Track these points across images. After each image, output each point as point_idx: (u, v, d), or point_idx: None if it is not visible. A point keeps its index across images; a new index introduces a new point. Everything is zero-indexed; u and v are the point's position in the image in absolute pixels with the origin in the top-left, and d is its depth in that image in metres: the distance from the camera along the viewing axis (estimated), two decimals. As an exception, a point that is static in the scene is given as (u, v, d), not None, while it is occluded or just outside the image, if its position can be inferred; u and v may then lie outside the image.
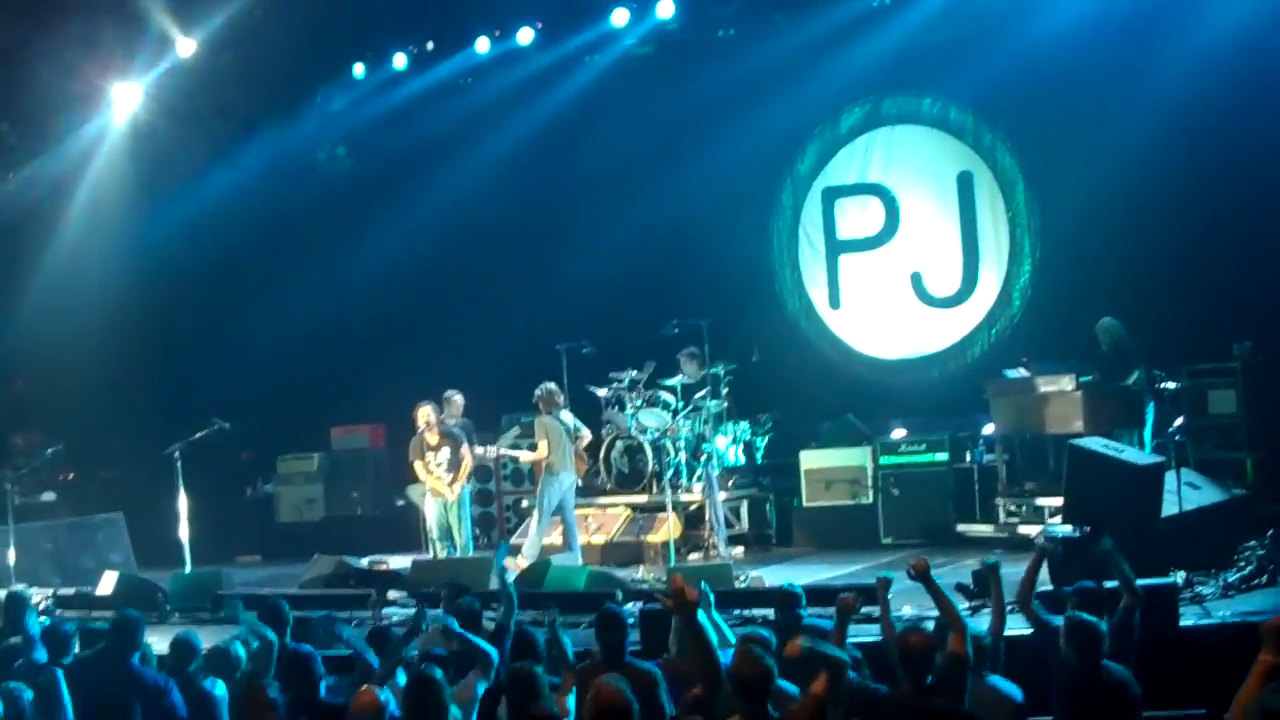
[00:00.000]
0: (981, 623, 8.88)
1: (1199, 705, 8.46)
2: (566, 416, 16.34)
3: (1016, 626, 9.28)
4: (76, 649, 10.10)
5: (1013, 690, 7.85)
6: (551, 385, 16.21)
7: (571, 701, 7.71)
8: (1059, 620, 8.80)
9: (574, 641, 9.45)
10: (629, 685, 6.66)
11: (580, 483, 16.79)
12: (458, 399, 16.58)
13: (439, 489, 15.65)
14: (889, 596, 10.28)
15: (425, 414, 15.71)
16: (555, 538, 16.24)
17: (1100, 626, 7.82)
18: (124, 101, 19.58)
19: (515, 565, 15.24)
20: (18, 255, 20.34)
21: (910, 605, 10.94)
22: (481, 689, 8.36)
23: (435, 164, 20.35)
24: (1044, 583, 9.63)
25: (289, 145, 20.97)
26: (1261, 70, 16.19)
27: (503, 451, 17.48)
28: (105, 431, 20.30)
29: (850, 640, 9.03)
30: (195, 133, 20.29)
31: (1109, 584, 9.16)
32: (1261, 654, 5.33)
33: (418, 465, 15.77)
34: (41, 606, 13.60)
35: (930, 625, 8.12)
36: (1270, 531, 12.42)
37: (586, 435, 16.76)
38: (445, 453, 15.69)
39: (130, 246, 20.43)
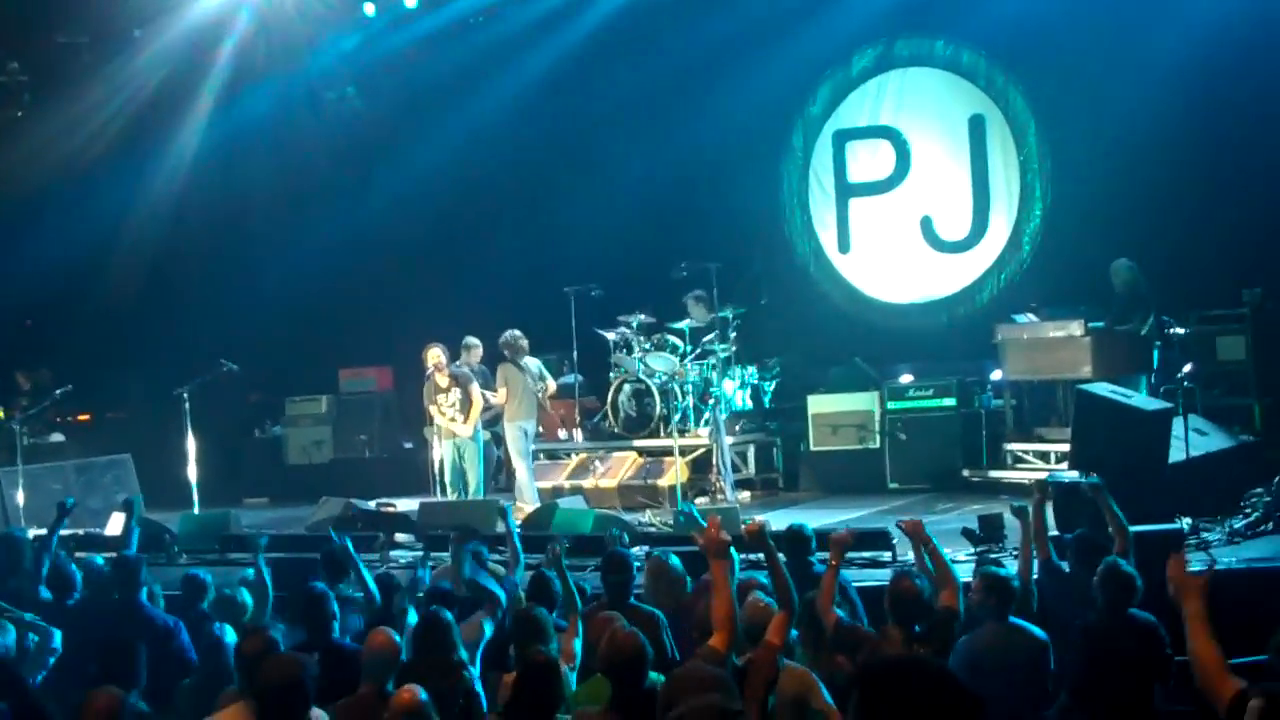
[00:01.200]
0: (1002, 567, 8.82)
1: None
2: (530, 363, 16.35)
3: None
4: (79, 588, 10.13)
5: (1037, 630, 7.87)
6: (515, 331, 16.21)
7: (578, 645, 7.73)
8: (1065, 566, 8.82)
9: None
10: (632, 626, 6.70)
11: (541, 430, 16.87)
12: (477, 347, 16.55)
13: (452, 429, 15.66)
14: (894, 542, 10.33)
15: (434, 356, 15.71)
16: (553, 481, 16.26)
17: (1134, 576, 7.81)
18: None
19: (519, 510, 15.29)
20: (23, 197, 20.33)
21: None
22: (489, 629, 8.39)
23: (444, 105, 20.27)
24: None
25: (298, 85, 20.90)
26: (1276, 13, 16.07)
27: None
28: (114, 373, 20.33)
29: (855, 584, 9.07)
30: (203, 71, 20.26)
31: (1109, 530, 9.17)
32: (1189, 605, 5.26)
33: (431, 408, 15.79)
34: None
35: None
36: (1277, 478, 12.41)
37: (551, 385, 16.86)
38: (456, 394, 15.70)
39: (139, 185, 20.39)
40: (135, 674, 7.50)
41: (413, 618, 8.41)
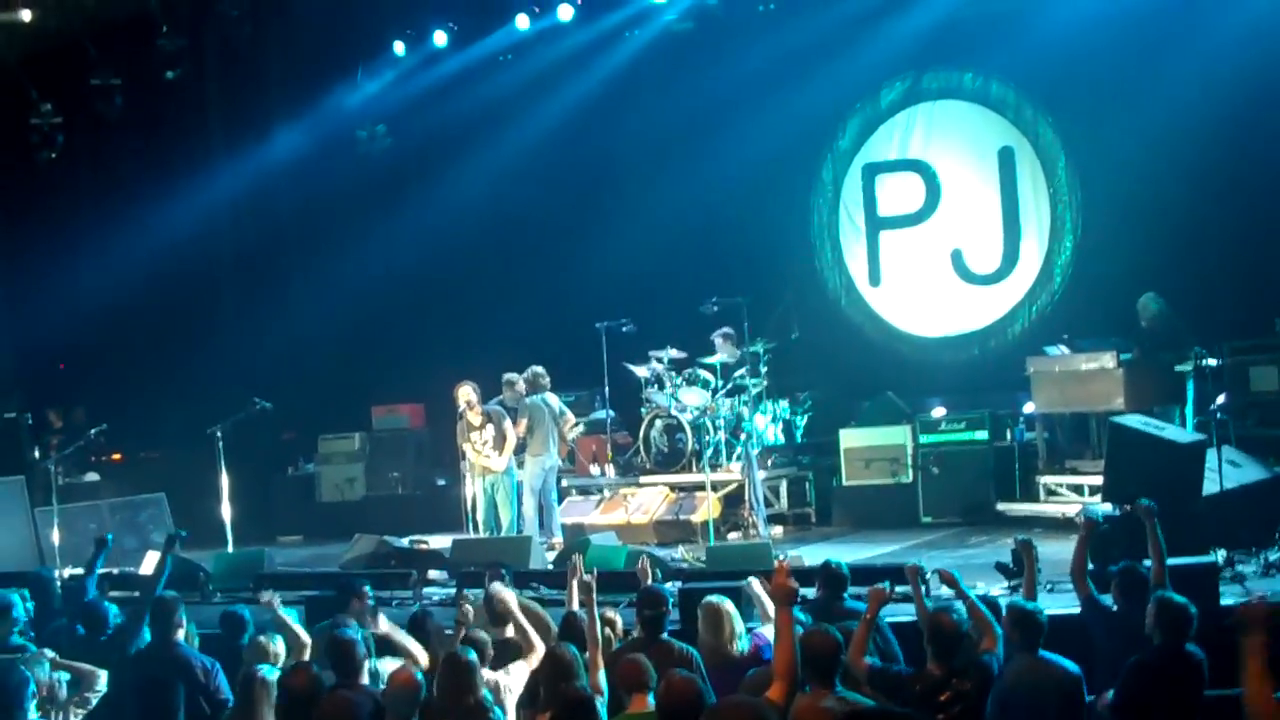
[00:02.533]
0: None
1: (1238, 686, 8.41)
2: (552, 399, 16.44)
3: (1054, 606, 9.27)
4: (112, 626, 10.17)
5: (1068, 663, 7.85)
6: (538, 368, 16.38)
7: (603, 679, 7.75)
8: (1106, 599, 8.80)
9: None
10: (665, 661, 6.71)
11: (562, 463, 16.95)
12: (518, 381, 16.57)
13: (486, 466, 15.69)
14: (928, 577, 10.30)
15: (465, 394, 15.75)
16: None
17: (1191, 609, 7.80)
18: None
19: (553, 545, 15.32)
20: (56, 238, 20.49)
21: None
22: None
23: (475, 142, 20.38)
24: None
25: (330, 124, 21.02)
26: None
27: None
28: (148, 412, 20.40)
29: (888, 619, 9.05)
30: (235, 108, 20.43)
31: (1147, 562, 9.14)
32: (1250, 639, 5.23)
33: (466, 447, 15.82)
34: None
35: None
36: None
37: (571, 419, 16.90)
38: (490, 430, 15.76)
39: (171, 223, 20.51)
40: (173, 714, 7.52)
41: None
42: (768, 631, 8.27)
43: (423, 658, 8.66)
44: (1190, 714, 7.67)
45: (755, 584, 9.46)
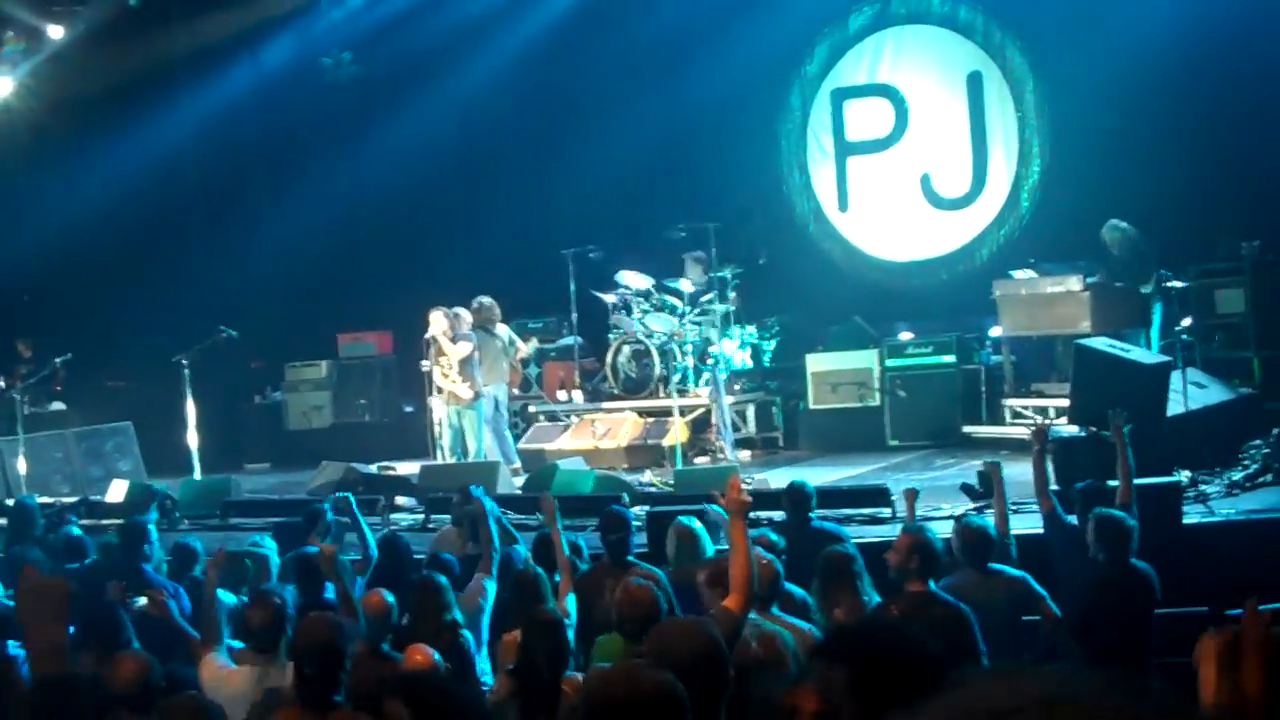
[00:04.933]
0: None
1: (1201, 603, 8.50)
2: (501, 330, 16.40)
3: (1020, 526, 9.33)
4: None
5: (1013, 570, 7.95)
6: (487, 299, 16.31)
7: (571, 603, 7.78)
8: (1072, 519, 8.85)
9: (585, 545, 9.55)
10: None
11: (515, 392, 16.99)
12: (491, 306, 16.48)
13: (454, 392, 15.66)
14: (893, 499, 10.35)
15: (436, 320, 15.69)
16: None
17: (1131, 524, 7.88)
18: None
19: (515, 471, 15.33)
20: (20, 164, 20.30)
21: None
22: (491, 588, 8.45)
23: (441, 69, 20.22)
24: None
25: (295, 51, 20.85)
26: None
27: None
28: (113, 340, 20.31)
29: (854, 540, 9.08)
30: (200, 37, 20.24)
31: (1111, 483, 9.19)
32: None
33: (435, 371, 15.78)
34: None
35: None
36: (1275, 430, 12.45)
37: (523, 349, 16.91)
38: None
39: (136, 152, 20.35)
40: (120, 637, 7.50)
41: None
42: None
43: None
44: (1141, 628, 7.75)
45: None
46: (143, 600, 8.34)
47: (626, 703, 3.78)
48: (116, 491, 15.25)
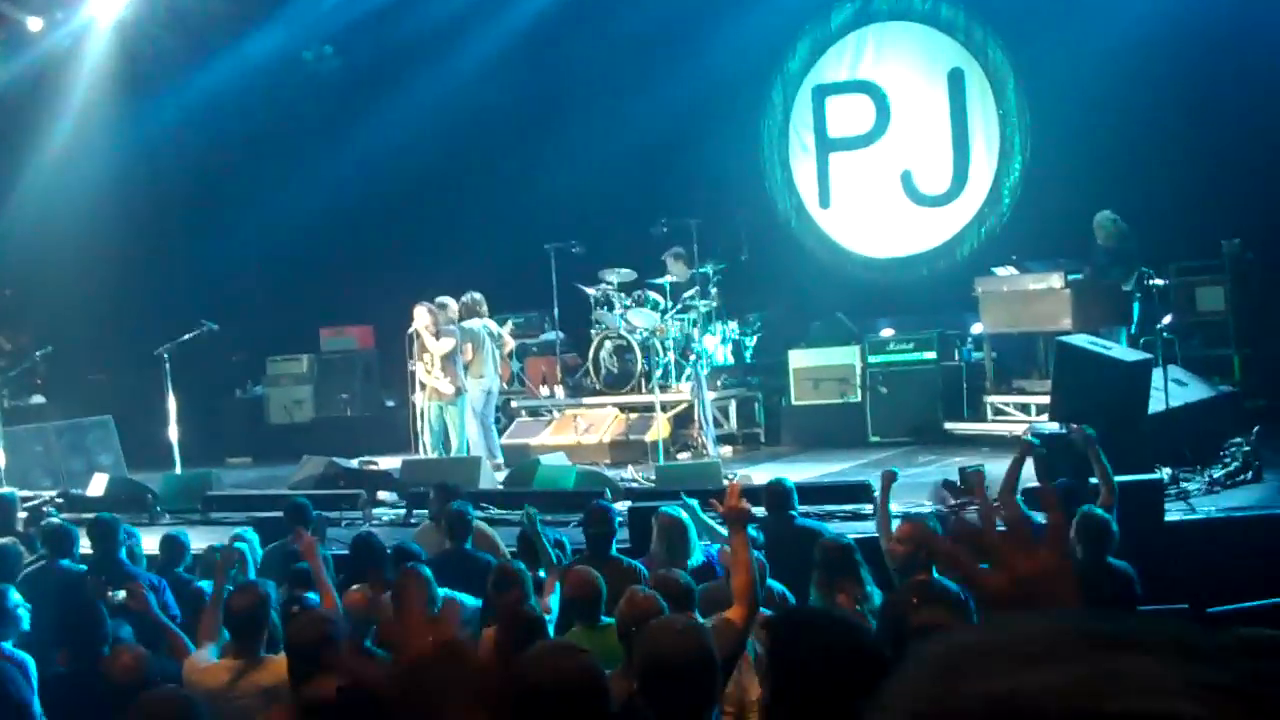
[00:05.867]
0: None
1: (1182, 601, 8.52)
2: (490, 324, 16.37)
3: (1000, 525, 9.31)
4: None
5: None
6: (476, 294, 16.33)
7: (555, 600, 7.76)
8: (1039, 517, 8.84)
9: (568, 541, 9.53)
10: (614, 578, 6.72)
11: (505, 386, 17.00)
12: (455, 307, 16.46)
13: (436, 388, 15.64)
14: (875, 495, 10.34)
15: (420, 315, 15.66)
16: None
17: (1110, 523, 7.91)
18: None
19: (496, 467, 15.31)
20: (2, 158, 20.22)
21: (898, 504, 10.93)
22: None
23: (423, 63, 20.17)
24: (1030, 480, 9.63)
25: (276, 45, 20.78)
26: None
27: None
28: (94, 334, 20.26)
29: (852, 536, 9.08)
30: (182, 32, 20.14)
31: (1093, 480, 9.21)
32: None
33: (418, 366, 15.76)
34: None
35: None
36: (1256, 427, 12.50)
37: (510, 342, 16.89)
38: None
39: (118, 147, 20.31)
40: (99, 632, 7.47)
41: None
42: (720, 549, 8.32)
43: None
44: None
45: (696, 508, 9.49)
46: (122, 594, 8.30)
47: (553, 689, 3.72)
48: (97, 485, 15.20)
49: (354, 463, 15.65)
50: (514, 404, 18.01)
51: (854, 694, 2.69)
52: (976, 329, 16.59)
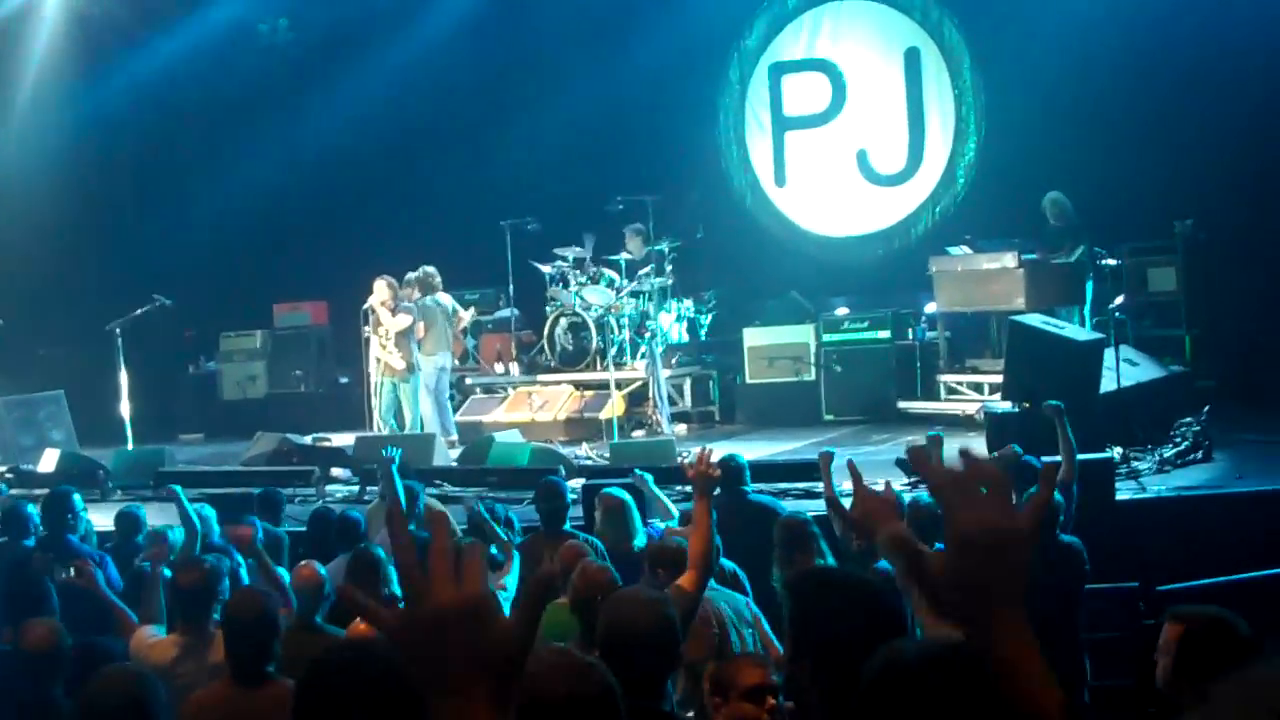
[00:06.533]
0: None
1: (1132, 579, 8.60)
2: (444, 299, 16.34)
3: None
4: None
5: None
6: (429, 268, 16.24)
7: (511, 579, 7.77)
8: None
9: (518, 518, 9.54)
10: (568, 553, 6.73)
11: (456, 363, 16.96)
12: (413, 284, 16.39)
13: (389, 363, 15.59)
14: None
15: (379, 289, 15.59)
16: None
17: (1059, 501, 7.96)
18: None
19: (451, 443, 15.29)
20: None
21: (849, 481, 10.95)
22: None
23: (378, 37, 20.08)
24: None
25: (230, 17, 20.63)
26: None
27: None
28: (46, 308, 20.11)
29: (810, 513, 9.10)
30: (135, 2, 20.02)
31: (1046, 459, 9.25)
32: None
33: (374, 341, 15.70)
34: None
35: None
36: (1206, 408, 12.60)
37: (465, 316, 16.86)
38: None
39: (70, 119, 20.16)
40: (44, 609, 7.43)
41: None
42: (666, 527, 8.35)
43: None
44: (1071, 604, 7.83)
45: (650, 481, 9.52)
46: (71, 571, 8.26)
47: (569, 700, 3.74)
48: (48, 461, 15.11)
49: (307, 439, 15.61)
50: (468, 381, 17.98)
51: (873, 651, 2.73)
52: (930, 308, 16.64)
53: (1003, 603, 2.21)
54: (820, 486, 11.57)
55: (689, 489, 10.92)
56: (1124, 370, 13.01)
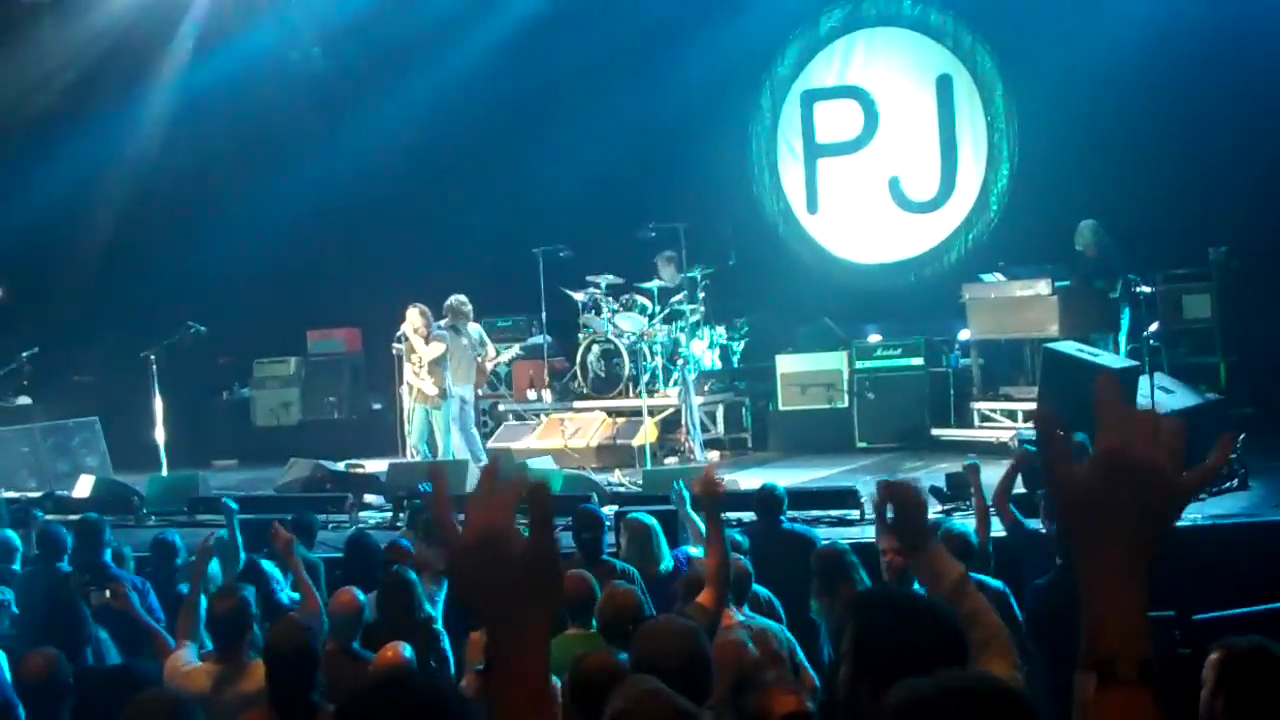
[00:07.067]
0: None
1: (1167, 608, 8.53)
2: (472, 329, 16.28)
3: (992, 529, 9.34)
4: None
5: (993, 581, 7.91)
6: (460, 297, 16.08)
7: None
8: (1033, 523, 8.86)
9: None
10: (606, 580, 6.73)
11: (480, 392, 16.88)
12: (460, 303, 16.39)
13: (422, 389, 15.61)
14: (861, 501, 10.34)
15: (411, 317, 15.63)
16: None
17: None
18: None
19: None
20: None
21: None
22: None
23: (411, 65, 20.15)
24: (1017, 486, 9.63)
25: (264, 46, 20.76)
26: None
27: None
28: (81, 335, 20.23)
29: (824, 542, 9.08)
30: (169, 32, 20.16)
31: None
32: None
33: (406, 367, 15.73)
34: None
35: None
36: (1242, 435, 12.51)
37: (491, 351, 16.74)
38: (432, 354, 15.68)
39: (106, 149, 20.27)
40: (82, 632, 7.45)
41: None
42: (697, 554, 8.33)
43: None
44: None
45: (687, 501, 9.50)
46: (106, 594, 8.27)
47: None
48: (83, 487, 15.17)
49: (340, 465, 15.63)
50: (501, 408, 18.00)
51: (934, 672, 2.74)
52: (964, 335, 16.61)
53: (1120, 542, 2.14)
54: (854, 514, 11.64)
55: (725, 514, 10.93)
56: (1159, 398, 12.94)
